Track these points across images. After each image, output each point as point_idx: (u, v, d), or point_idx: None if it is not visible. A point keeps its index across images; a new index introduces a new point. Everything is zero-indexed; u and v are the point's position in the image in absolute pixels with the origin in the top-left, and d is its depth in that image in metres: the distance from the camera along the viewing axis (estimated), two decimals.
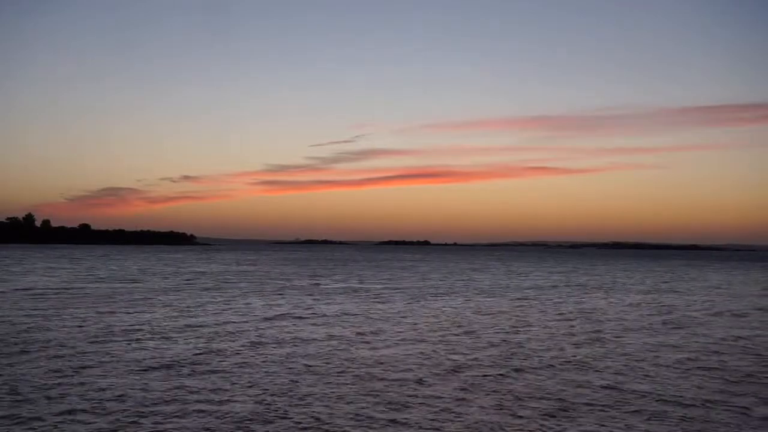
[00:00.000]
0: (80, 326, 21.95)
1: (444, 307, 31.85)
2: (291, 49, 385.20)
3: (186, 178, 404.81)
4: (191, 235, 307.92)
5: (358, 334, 21.71)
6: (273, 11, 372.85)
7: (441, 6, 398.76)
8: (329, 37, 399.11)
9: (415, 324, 24.69)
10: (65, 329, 21.17)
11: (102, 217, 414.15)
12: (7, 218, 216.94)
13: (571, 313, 29.85)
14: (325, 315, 27.22)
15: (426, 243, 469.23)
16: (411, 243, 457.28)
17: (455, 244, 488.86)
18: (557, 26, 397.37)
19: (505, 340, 20.83)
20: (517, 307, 32.49)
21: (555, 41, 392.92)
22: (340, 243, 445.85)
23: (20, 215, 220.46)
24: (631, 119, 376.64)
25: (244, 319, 25.16)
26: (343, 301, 34.16)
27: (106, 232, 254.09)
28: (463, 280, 56.95)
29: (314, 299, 34.80)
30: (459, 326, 24.25)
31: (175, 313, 26.68)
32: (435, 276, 62.83)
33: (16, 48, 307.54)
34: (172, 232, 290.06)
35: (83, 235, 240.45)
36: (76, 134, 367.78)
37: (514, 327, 24.31)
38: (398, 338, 20.92)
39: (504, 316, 28.21)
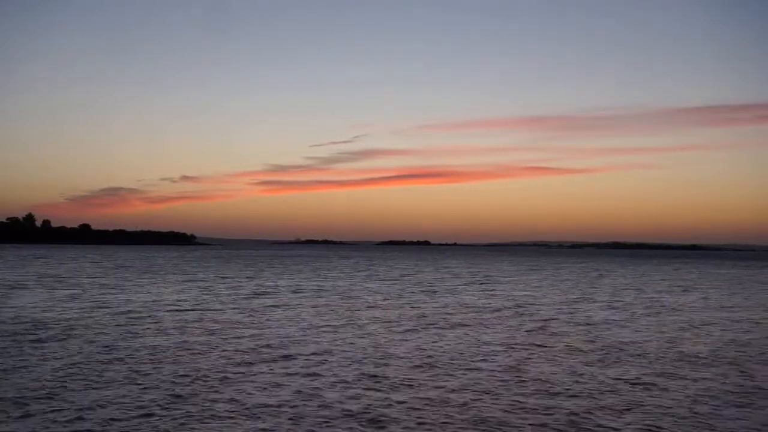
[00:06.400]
0: None
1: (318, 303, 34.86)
2: (291, 49, 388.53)
3: (186, 178, 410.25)
4: (191, 235, 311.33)
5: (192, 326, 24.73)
6: (273, 11, 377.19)
7: (441, 5, 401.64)
8: (329, 36, 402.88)
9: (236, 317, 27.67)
10: None
11: (102, 217, 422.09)
12: (7, 218, 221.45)
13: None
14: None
15: (426, 243, 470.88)
16: (411, 243, 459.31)
17: (455, 244, 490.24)
18: (557, 26, 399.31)
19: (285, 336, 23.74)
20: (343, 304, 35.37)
21: (555, 41, 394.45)
22: (341, 243, 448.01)
23: (20, 215, 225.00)
24: (631, 119, 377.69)
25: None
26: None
27: (106, 232, 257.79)
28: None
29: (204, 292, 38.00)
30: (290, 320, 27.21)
31: None
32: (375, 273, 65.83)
33: (16, 48, 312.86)
34: (172, 232, 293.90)
35: (83, 235, 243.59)
36: (76, 134, 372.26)
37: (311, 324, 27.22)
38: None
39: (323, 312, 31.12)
